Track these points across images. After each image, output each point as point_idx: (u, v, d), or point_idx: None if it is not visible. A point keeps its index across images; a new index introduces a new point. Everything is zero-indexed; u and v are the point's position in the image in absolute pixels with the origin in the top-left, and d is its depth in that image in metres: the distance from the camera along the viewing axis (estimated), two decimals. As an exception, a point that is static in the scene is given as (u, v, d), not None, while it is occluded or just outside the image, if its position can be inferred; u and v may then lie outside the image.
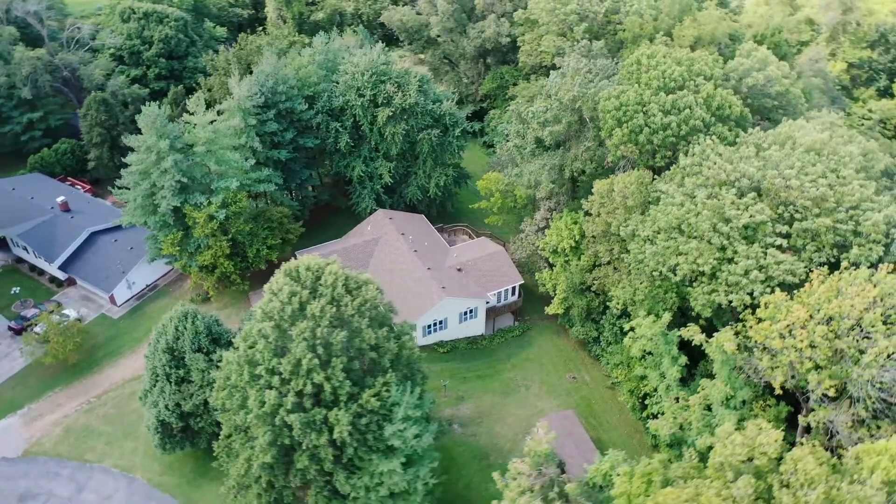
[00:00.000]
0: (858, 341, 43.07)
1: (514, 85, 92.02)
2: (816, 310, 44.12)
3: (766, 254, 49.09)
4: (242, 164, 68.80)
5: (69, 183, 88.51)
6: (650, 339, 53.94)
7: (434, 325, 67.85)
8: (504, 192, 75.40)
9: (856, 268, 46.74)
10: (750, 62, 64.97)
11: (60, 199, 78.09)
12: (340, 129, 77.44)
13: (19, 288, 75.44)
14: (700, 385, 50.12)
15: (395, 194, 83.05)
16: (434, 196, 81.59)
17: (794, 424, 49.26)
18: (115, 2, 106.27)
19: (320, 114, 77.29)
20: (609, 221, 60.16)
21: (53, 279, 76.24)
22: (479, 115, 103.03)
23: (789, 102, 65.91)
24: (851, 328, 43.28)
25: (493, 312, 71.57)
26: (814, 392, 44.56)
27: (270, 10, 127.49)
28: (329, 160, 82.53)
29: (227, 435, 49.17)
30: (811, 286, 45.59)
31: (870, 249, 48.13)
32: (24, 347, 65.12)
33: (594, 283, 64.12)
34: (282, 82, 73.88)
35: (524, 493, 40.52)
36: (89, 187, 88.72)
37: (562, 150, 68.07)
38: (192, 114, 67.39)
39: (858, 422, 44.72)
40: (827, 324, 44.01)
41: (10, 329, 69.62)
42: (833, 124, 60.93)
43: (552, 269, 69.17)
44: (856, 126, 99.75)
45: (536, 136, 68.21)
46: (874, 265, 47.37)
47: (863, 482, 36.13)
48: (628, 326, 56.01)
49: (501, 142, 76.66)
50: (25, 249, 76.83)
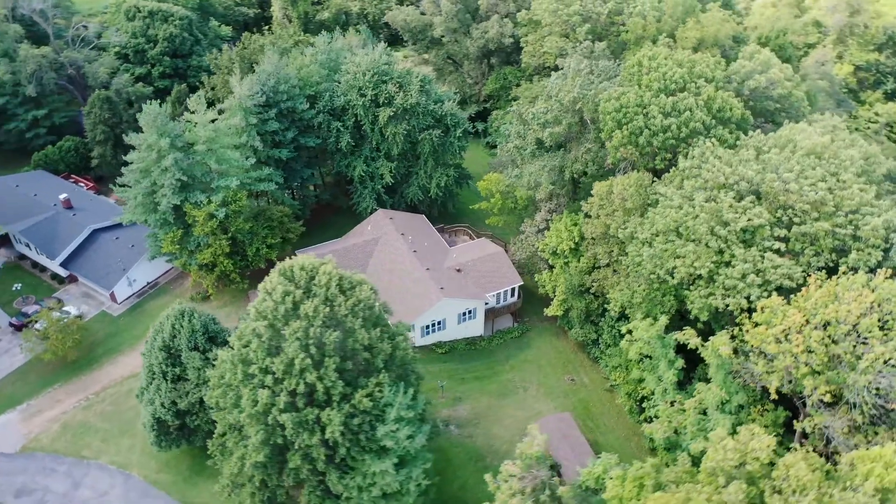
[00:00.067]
0: (855, 347, 42.75)
1: (518, 86, 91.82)
2: (813, 314, 43.84)
3: (763, 258, 48.76)
4: (243, 162, 68.90)
5: (73, 180, 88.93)
6: (647, 343, 53.69)
7: (432, 325, 67.75)
8: (504, 193, 75.27)
9: (854, 272, 46.43)
10: (752, 64, 64.57)
11: (63, 196, 78.43)
12: (342, 128, 77.42)
13: (21, 284, 75.83)
14: (696, 389, 49.86)
15: (396, 194, 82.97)
16: (435, 196, 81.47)
17: (793, 429, 48.97)
18: (120, 0, 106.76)
19: (322, 113, 77.28)
20: (608, 223, 59.91)
21: (55, 276, 76.60)
22: (482, 116, 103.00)
23: (792, 105, 65.47)
24: (848, 333, 42.98)
25: (492, 313, 71.39)
26: (810, 397, 44.27)
27: (276, 9, 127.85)
28: (330, 160, 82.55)
29: (221, 433, 49.25)
30: (808, 291, 45.32)
31: (868, 254, 47.76)
32: (24, 344, 65.41)
33: (593, 285, 63.85)
34: (283, 81, 73.91)
35: (515, 495, 40.39)
36: (92, 185, 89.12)
37: (562, 151, 67.91)
38: (194, 112, 67.52)
39: (855, 428, 44.42)
40: (824, 329, 43.74)
41: (12, 325, 69.99)
42: (836, 128, 60.47)
43: (552, 271, 68.93)
44: (862, 129, 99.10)
45: (537, 138, 68.06)
46: (872, 270, 47.07)
47: (855, 489, 35.85)
48: (625, 329, 55.76)
49: (502, 143, 76.50)
50: (28, 246, 77.22)
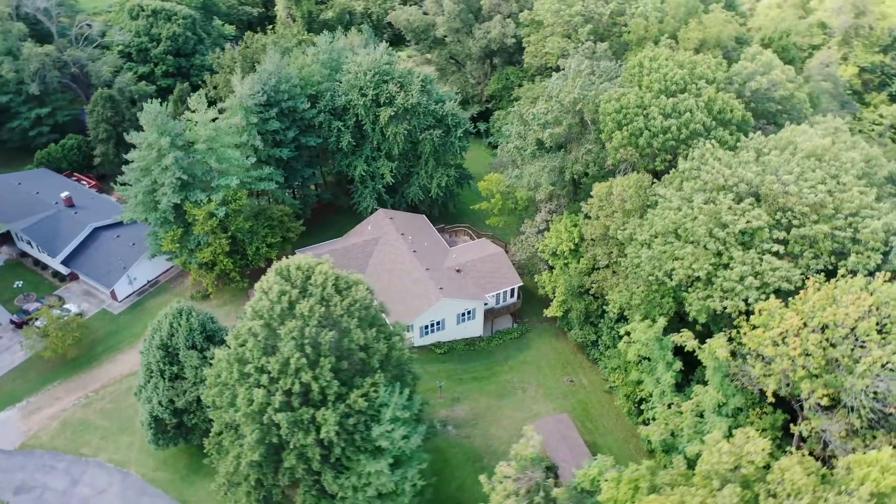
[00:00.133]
0: (853, 350, 42.52)
1: (520, 86, 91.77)
2: (810, 317, 43.62)
3: (762, 260, 48.55)
4: (243, 161, 68.98)
5: (75, 178, 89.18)
6: (645, 344, 53.52)
7: (431, 325, 67.69)
8: (505, 194, 75.19)
9: (853, 275, 46.17)
10: (754, 66, 64.29)
11: (65, 194, 78.65)
12: (343, 128, 77.44)
13: (22, 282, 76.10)
14: (693, 391, 49.67)
15: (396, 194, 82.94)
16: (436, 196, 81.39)
17: (791, 433, 48.70)
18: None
19: (323, 113, 77.30)
20: (607, 225, 59.76)
21: (56, 274, 76.83)
22: (484, 116, 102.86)
23: (794, 107, 65.14)
24: (846, 337, 42.74)
25: (491, 314, 71.29)
26: (807, 401, 44.05)
27: (280, 8, 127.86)
28: (331, 159, 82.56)
29: (217, 432, 49.31)
30: (806, 293, 45.11)
31: (868, 257, 47.52)
32: (25, 341, 65.69)
33: (592, 287, 63.71)
34: (285, 81, 73.95)
35: (509, 496, 40.32)
36: (95, 183, 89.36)
37: (562, 152, 67.78)
38: (194, 111, 67.62)
39: (853, 431, 44.18)
40: (821, 332, 43.51)
41: (13, 322, 70.26)
42: (837, 130, 60.17)
43: (552, 272, 68.81)
44: (866, 131, 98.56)
45: (537, 138, 67.94)
46: (871, 273, 46.81)
47: (850, 493, 35.64)
48: (623, 331, 55.60)
49: (503, 143, 76.41)
50: (29, 244, 77.47)
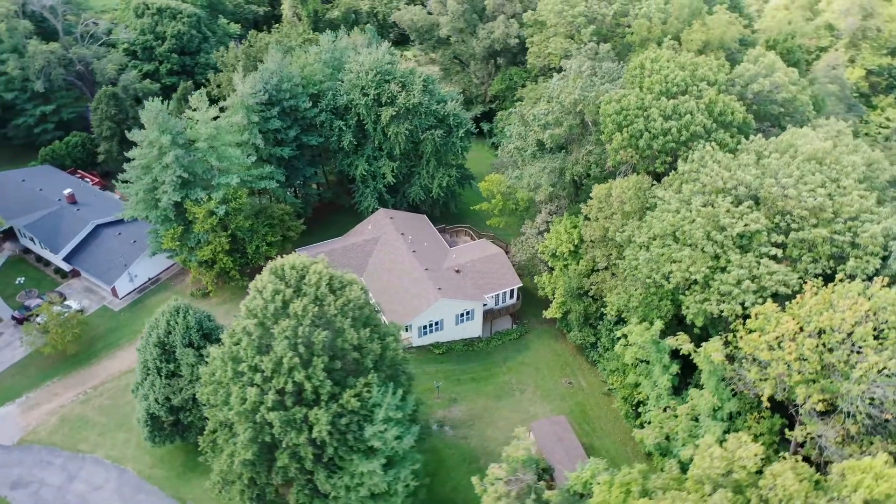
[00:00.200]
0: (849, 355, 42.16)
1: (523, 86, 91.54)
2: (807, 322, 43.30)
3: (759, 263, 48.24)
4: (244, 160, 69.13)
5: (79, 175, 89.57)
6: (641, 347, 53.27)
7: (430, 326, 67.60)
8: (505, 195, 75.02)
9: (851, 280, 45.78)
10: (756, 68, 63.94)
11: (67, 191, 79.03)
12: (344, 127, 77.47)
13: (24, 278, 76.48)
14: (689, 395, 49.39)
15: (398, 194, 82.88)
16: (437, 197, 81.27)
17: (788, 438, 48.37)
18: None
19: (324, 112, 77.36)
20: (606, 226, 59.55)
21: (58, 270, 77.20)
22: (488, 116, 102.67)
23: (796, 109, 64.78)
24: (842, 342, 42.40)
25: (490, 315, 71.13)
26: (802, 406, 43.72)
27: (286, 7, 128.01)
28: (333, 158, 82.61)
29: (212, 430, 49.44)
30: (803, 298, 44.76)
31: (867, 262, 47.12)
32: (25, 337, 66.00)
33: (591, 288, 63.47)
34: (286, 80, 74.03)
35: (500, 498, 40.19)
36: (98, 180, 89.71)
37: (563, 153, 67.58)
38: (195, 110, 67.77)
39: (848, 437, 43.82)
40: (818, 336, 43.18)
41: (14, 318, 70.64)
42: (840, 132, 59.75)
43: (551, 273, 68.62)
44: (872, 134, 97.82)
45: (538, 139, 67.76)
46: (870, 278, 46.40)
47: (843, 500, 35.35)
48: (620, 333, 55.36)
49: (504, 143, 76.24)
50: (32, 240, 77.84)
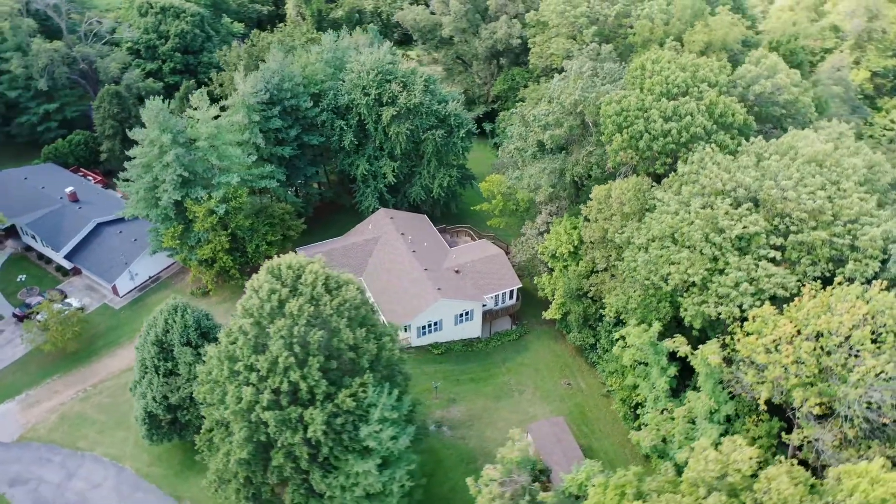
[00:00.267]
0: (847, 359, 41.94)
1: (525, 87, 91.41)
2: (804, 325, 43.09)
3: (757, 266, 48.02)
4: (244, 159, 69.21)
5: (81, 174, 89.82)
6: (639, 349, 53.11)
7: (429, 326, 67.54)
8: (506, 195, 74.94)
9: (850, 283, 45.55)
10: (758, 69, 63.67)
11: (69, 189, 79.27)
12: (345, 127, 77.48)
13: (26, 276, 76.74)
14: (686, 397, 49.22)
15: (399, 194, 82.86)
16: (438, 197, 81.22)
17: (788, 441, 48.12)
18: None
19: (325, 111, 77.41)
20: (606, 228, 59.41)
21: (60, 268, 77.43)
22: (490, 117, 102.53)
23: (798, 111, 64.50)
24: (840, 345, 42.18)
25: (490, 315, 71.04)
26: (799, 409, 43.51)
27: (290, 6, 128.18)
28: (334, 158, 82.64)
29: (208, 429, 49.52)
30: (801, 301, 44.55)
31: (866, 265, 46.88)
32: (25, 335, 66.22)
33: (591, 290, 63.34)
34: (288, 79, 74.09)
35: (495, 499, 40.11)
36: (100, 179, 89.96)
37: (563, 154, 67.44)
38: (196, 109, 67.86)
39: (846, 441, 43.59)
40: (816, 340, 42.97)
41: (15, 316, 70.89)
42: (842, 135, 59.45)
43: (551, 274, 68.50)
44: (877, 136, 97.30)
45: (538, 140, 67.65)
46: (869, 281, 46.14)
47: (838, 505, 35.19)
48: (618, 335, 55.22)
49: (504, 144, 76.14)
50: (34, 238, 78.13)
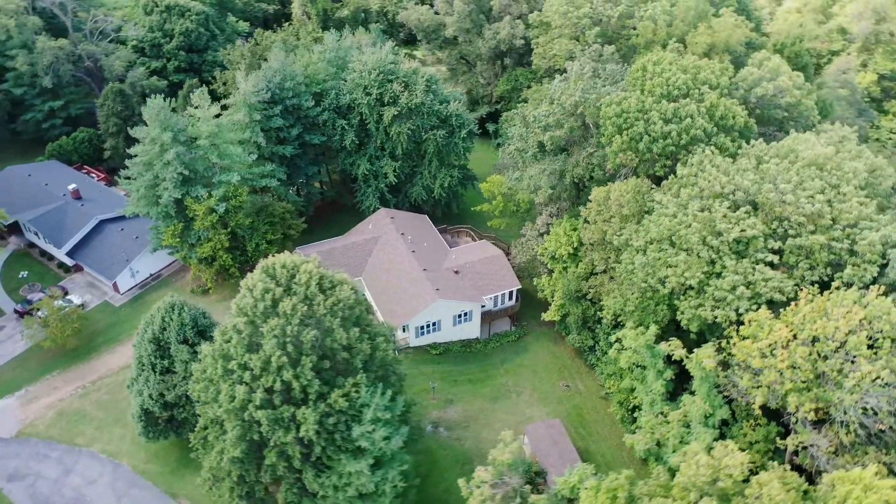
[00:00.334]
0: (842, 364, 41.62)
1: (528, 87, 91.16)
2: (800, 329, 42.79)
3: (755, 270, 47.72)
4: (245, 158, 69.36)
5: (85, 171, 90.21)
6: (636, 352, 52.89)
7: (427, 326, 67.46)
8: (506, 196, 74.79)
9: (848, 288, 45.20)
10: (761, 72, 63.29)
11: (72, 186, 79.64)
12: (346, 126, 77.53)
13: (28, 272, 77.14)
14: (682, 401, 48.97)
15: (400, 194, 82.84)
16: (439, 197, 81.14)
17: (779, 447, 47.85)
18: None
19: (327, 111, 77.47)
20: (605, 229, 59.21)
21: (62, 265, 77.81)
22: (494, 117, 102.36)
23: (801, 114, 64.10)
24: (836, 350, 41.86)
25: (489, 316, 70.88)
26: (794, 415, 43.22)
27: (296, 5, 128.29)
28: (335, 157, 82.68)
29: (203, 427, 49.58)
30: (797, 305, 44.25)
31: (864, 270, 46.51)
32: (25, 331, 66.59)
33: (590, 292, 63.15)
34: (289, 78, 74.19)
35: (486, 501, 40.00)
36: (104, 176, 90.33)
37: (564, 155, 67.24)
38: (197, 107, 68.03)
39: (842, 447, 43.27)
40: (812, 345, 42.66)
41: (16, 312, 71.30)
42: (844, 138, 59.04)
43: (551, 275, 68.33)
44: (883, 140, 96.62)
45: (538, 141, 67.47)
46: (867, 286, 45.78)
47: (829, 511, 34.92)
48: (615, 338, 55.02)
49: (505, 144, 76.00)
50: (36, 234, 78.56)
